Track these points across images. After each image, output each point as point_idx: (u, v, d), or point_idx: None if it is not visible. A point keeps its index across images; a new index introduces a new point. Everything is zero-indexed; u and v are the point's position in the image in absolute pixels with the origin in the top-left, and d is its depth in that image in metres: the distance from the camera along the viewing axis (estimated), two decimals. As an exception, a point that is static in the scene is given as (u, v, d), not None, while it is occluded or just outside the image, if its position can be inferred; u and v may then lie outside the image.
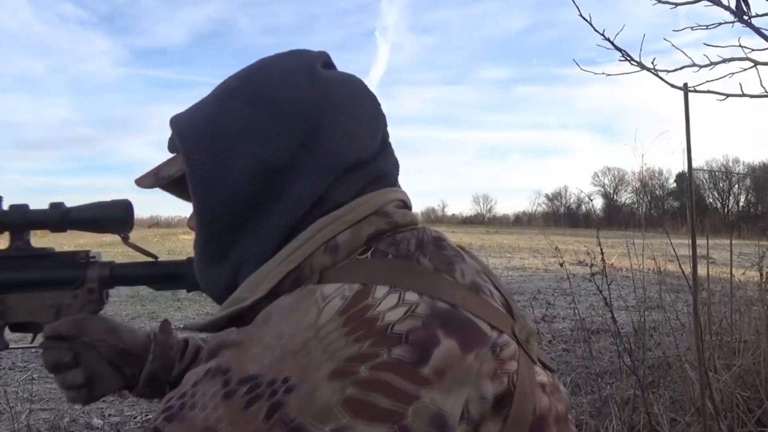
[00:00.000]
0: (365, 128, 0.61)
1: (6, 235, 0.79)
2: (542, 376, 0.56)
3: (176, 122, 0.64)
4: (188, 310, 6.99)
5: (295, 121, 0.58)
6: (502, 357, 0.51)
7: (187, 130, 0.62)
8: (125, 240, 0.80)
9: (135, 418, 3.29)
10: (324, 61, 0.64)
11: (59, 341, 0.76)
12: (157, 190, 0.68)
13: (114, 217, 0.78)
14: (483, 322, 0.51)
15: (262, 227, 0.58)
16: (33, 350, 0.80)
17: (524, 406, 0.51)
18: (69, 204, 0.79)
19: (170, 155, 0.67)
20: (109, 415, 3.33)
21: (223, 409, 0.44)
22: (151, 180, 0.67)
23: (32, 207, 0.78)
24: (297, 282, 0.55)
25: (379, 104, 0.66)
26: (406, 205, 0.63)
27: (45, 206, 0.78)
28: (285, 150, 0.57)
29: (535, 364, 0.55)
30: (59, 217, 0.77)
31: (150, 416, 3.28)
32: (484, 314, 0.52)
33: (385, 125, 0.65)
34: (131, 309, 6.94)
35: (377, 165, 0.61)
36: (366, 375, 0.44)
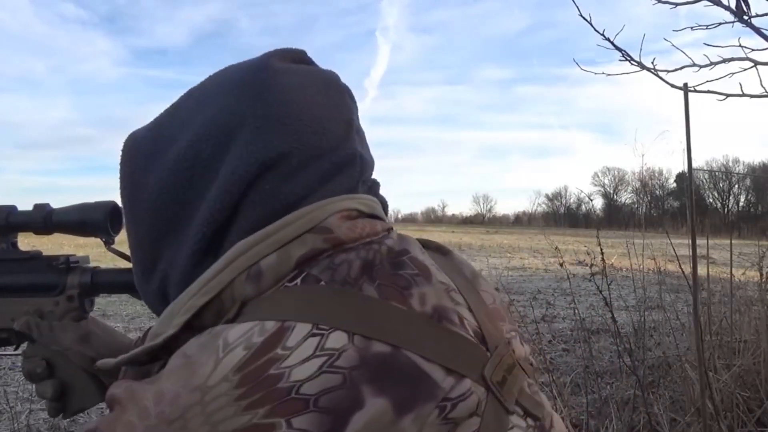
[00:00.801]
0: (314, 118, 0.52)
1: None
2: (518, 431, 0.46)
3: (129, 135, 0.60)
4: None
5: (222, 112, 0.51)
6: (453, 416, 0.41)
7: (131, 137, 0.58)
8: (107, 245, 0.76)
9: None
10: (293, 56, 0.57)
11: (33, 348, 0.73)
12: None
13: (95, 220, 0.73)
14: (435, 367, 0.42)
15: (183, 233, 0.51)
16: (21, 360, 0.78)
17: None
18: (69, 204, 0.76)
19: None
20: (109, 415, 3.33)
21: None
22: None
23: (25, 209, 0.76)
24: (219, 314, 0.46)
25: (350, 98, 0.58)
26: (363, 213, 0.52)
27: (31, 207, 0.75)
28: (211, 144, 0.50)
29: (510, 413, 0.45)
30: (42, 220, 0.74)
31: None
32: (440, 354, 0.42)
33: (351, 119, 0.56)
34: (131, 309, 6.93)
35: (327, 159, 0.52)
36: None
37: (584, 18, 2.54)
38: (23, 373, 0.74)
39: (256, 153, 0.49)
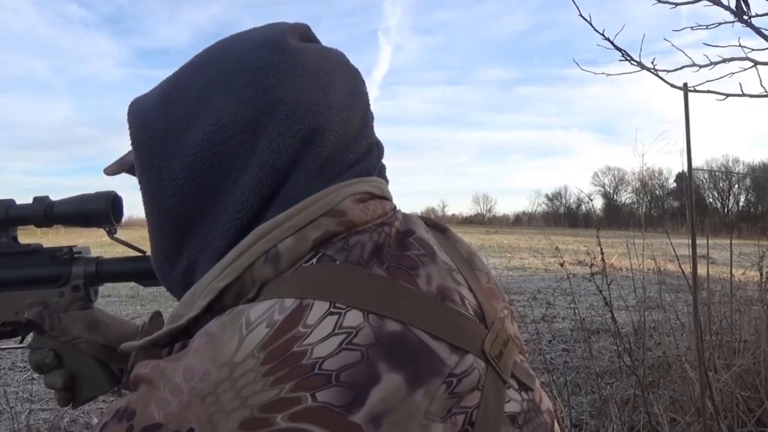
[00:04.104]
0: (339, 105, 0.53)
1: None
2: (515, 403, 0.49)
3: (131, 104, 0.58)
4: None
5: (251, 98, 0.51)
6: (458, 391, 0.43)
7: (138, 111, 0.56)
8: (110, 234, 0.76)
9: None
10: (300, 32, 0.56)
11: (40, 339, 0.73)
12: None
13: (95, 210, 0.73)
14: (441, 344, 0.44)
15: (216, 220, 0.52)
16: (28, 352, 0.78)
17: None
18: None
19: None
20: (109, 415, 3.33)
21: None
22: (116, 167, 0.62)
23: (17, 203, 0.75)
24: (240, 295, 0.48)
25: (361, 81, 0.58)
26: (374, 195, 0.54)
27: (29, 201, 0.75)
28: (239, 130, 0.50)
29: (507, 385, 0.48)
30: (43, 212, 0.73)
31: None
32: (445, 331, 0.45)
33: (367, 105, 0.58)
34: (131, 309, 6.93)
35: (352, 149, 0.54)
36: (283, 426, 0.38)
37: (584, 18, 2.54)
38: (31, 365, 0.74)
39: (290, 146, 0.50)
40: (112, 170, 0.63)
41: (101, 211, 0.73)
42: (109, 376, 0.75)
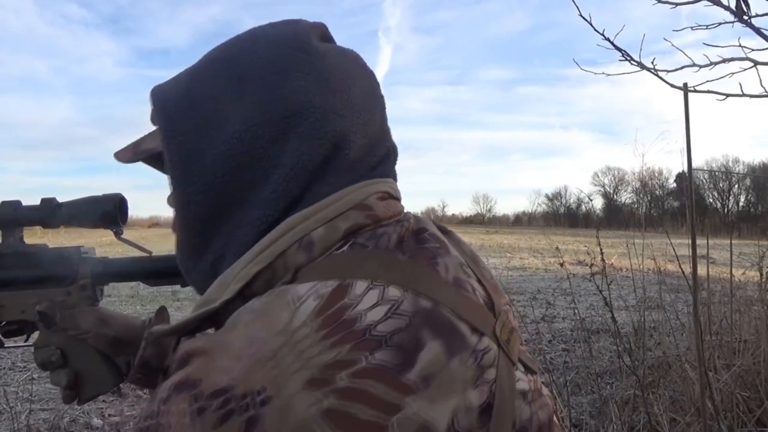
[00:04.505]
0: (361, 109, 0.55)
1: None
2: (523, 382, 0.52)
3: (156, 93, 0.58)
4: (188, 309, 6.95)
5: (281, 99, 0.52)
6: (482, 364, 0.47)
7: (167, 103, 0.57)
8: (117, 235, 0.77)
9: (135, 417, 3.30)
10: (321, 32, 0.59)
11: (51, 336, 0.74)
12: (156, 191, 0.66)
13: (105, 212, 0.74)
14: (463, 324, 0.48)
15: (245, 215, 0.53)
16: (32, 350, 0.78)
17: (504, 420, 0.47)
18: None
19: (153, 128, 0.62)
20: (109, 415, 3.33)
21: (197, 426, 0.40)
22: (129, 154, 0.62)
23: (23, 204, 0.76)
24: (270, 282, 0.51)
25: (377, 84, 0.60)
26: (391, 195, 0.57)
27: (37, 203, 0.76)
28: (269, 130, 0.52)
29: (515, 366, 0.52)
30: (50, 213, 0.75)
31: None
32: (465, 314, 0.48)
33: (384, 107, 0.60)
34: (131, 309, 6.94)
35: (374, 152, 0.57)
36: (345, 384, 0.41)
37: (584, 18, 2.54)
38: (36, 363, 0.75)
39: (321, 147, 0.53)
40: (127, 157, 0.62)
41: (110, 212, 0.74)
42: (114, 372, 0.76)
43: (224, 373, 0.41)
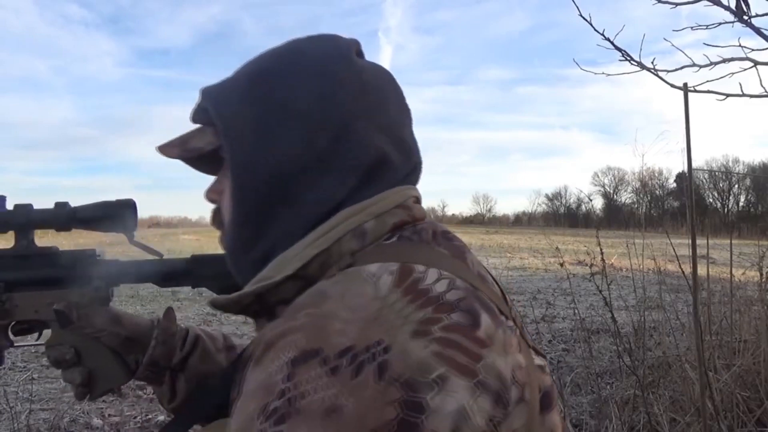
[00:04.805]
0: (396, 122, 0.63)
1: (10, 234, 0.79)
2: (538, 360, 0.57)
3: (213, 97, 0.64)
4: (188, 310, 6.99)
5: (333, 108, 0.59)
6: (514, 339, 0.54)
7: (228, 108, 0.62)
8: (131, 239, 0.80)
9: (135, 418, 3.29)
10: (357, 48, 0.65)
11: (65, 335, 0.77)
12: (155, 191, 0.68)
13: (120, 216, 0.78)
14: (494, 306, 0.53)
15: (297, 212, 0.59)
16: (33, 350, 0.80)
17: (534, 384, 0.52)
18: (73, 204, 0.79)
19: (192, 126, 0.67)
20: (109, 415, 3.33)
21: (336, 384, 0.44)
22: (177, 151, 0.66)
23: (35, 207, 0.78)
24: (324, 265, 0.57)
25: (404, 97, 0.67)
26: (419, 201, 0.66)
27: (48, 206, 0.78)
28: (323, 137, 0.59)
29: (530, 349, 0.57)
30: (66, 217, 0.77)
31: (149, 417, 3.28)
32: (494, 300, 0.54)
33: (411, 119, 0.67)
34: (131, 309, 6.93)
35: (408, 163, 0.64)
36: (440, 335, 0.47)
37: (584, 18, 2.54)
38: (50, 361, 0.78)
39: (366, 157, 0.60)
40: (173, 154, 0.66)
41: (124, 216, 0.78)
42: (124, 369, 0.80)
43: (341, 335, 0.46)
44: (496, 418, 0.46)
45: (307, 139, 0.59)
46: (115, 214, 0.78)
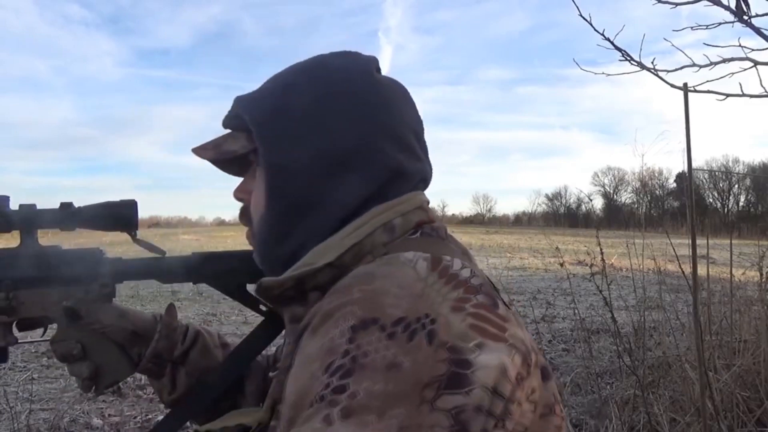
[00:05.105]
0: (413, 134, 0.71)
1: (14, 233, 0.80)
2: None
3: (248, 105, 0.71)
4: (188, 309, 6.99)
5: (356, 120, 0.67)
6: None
7: (262, 115, 0.69)
8: (134, 237, 0.83)
9: (135, 418, 3.30)
10: (376, 65, 0.73)
11: (71, 330, 0.80)
12: (155, 191, 0.72)
13: (124, 216, 0.81)
14: (501, 300, 0.61)
15: (324, 212, 0.67)
16: (33, 350, 0.81)
17: (539, 356, 0.60)
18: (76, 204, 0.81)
19: (222, 132, 0.74)
20: (109, 415, 3.33)
21: (394, 346, 0.51)
22: (211, 153, 0.73)
23: (38, 207, 0.80)
24: (357, 255, 0.65)
25: (417, 110, 0.75)
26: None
27: (49, 206, 0.80)
28: (350, 143, 0.66)
29: None
30: (71, 217, 0.79)
31: (150, 417, 3.28)
32: (497, 291, 0.63)
33: (423, 129, 0.74)
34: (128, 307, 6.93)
35: (424, 170, 0.72)
36: (473, 310, 0.55)
37: (584, 18, 2.54)
38: (56, 356, 0.81)
39: (386, 165, 0.68)
40: (209, 156, 0.73)
41: (128, 216, 0.81)
42: (128, 362, 0.84)
43: (395, 308, 0.54)
44: (521, 375, 0.54)
45: (334, 147, 0.66)
46: (119, 214, 0.81)
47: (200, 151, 0.74)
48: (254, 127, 0.69)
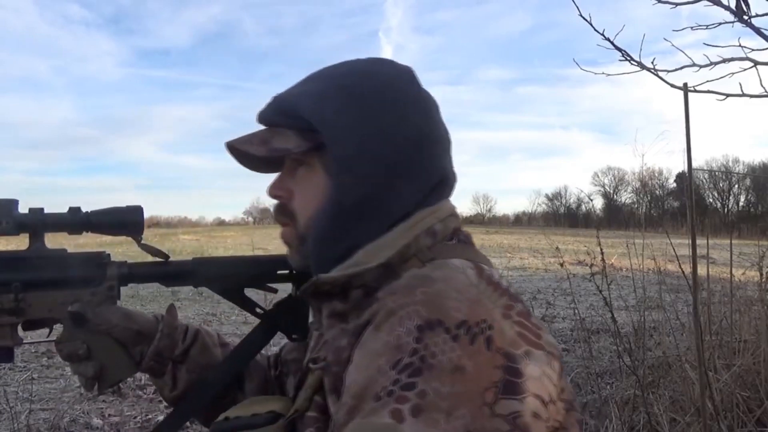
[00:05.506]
0: (448, 140, 0.76)
1: (23, 236, 0.82)
2: None
3: (311, 104, 0.71)
4: (188, 310, 7.00)
5: (410, 127, 0.70)
6: None
7: (324, 114, 0.70)
8: (139, 242, 0.85)
9: (135, 418, 3.30)
10: (413, 73, 0.77)
11: (77, 331, 0.81)
12: (155, 191, 0.73)
13: (131, 221, 0.83)
14: None
15: (381, 214, 0.69)
16: (33, 350, 0.82)
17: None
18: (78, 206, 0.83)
19: (254, 128, 0.75)
20: (109, 415, 3.33)
21: (458, 348, 0.55)
22: (263, 150, 0.71)
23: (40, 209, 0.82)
24: (403, 257, 0.68)
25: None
26: None
27: (56, 209, 0.82)
28: (410, 149, 0.70)
29: None
30: (79, 221, 0.82)
31: (149, 417, 3.28)
32: None
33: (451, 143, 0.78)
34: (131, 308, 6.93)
35: (453, 177, 0.76)
36: (517, 318, 0.60)
37: (584, 18, 2.54)
38: (62, 356, 0.83)
39: (436, 172, 0.73)
40: (261, 152, 0.72)
41: (135, 221, 0.83)
42: (132, 361, 0.86)
43: (457, 311, 0.58)
44: (556, 377, 0.59)
45: (396, 152, 0.69)
46: (126, 220, 0.83)
47: (246, 145, 0.72)
48: (324, 128, 0.69)
